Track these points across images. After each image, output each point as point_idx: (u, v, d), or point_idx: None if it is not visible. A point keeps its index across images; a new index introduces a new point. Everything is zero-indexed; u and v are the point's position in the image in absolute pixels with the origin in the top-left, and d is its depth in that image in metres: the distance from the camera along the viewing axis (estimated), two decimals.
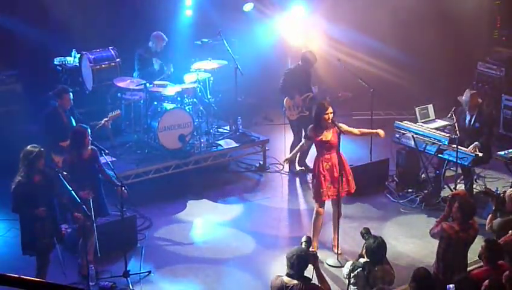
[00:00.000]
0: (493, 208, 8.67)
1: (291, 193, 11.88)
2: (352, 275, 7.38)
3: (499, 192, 9.22)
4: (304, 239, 7.57)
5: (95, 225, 9.01)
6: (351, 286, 7.40)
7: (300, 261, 6.95)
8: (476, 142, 10.80)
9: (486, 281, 7.00)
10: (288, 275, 6.97)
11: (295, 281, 6.90)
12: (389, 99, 14.50)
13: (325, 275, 7.42)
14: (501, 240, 7.83)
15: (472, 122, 11.05)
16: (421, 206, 11.17)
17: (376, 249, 7.39)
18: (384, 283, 7.18)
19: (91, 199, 8.89)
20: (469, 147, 10.76)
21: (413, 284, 7.01)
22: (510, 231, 7.97)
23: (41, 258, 8.65)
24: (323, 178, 9.46)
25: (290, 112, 12.19)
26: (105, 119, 10.43)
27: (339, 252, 9.66)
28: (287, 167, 12.51)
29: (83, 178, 9.00)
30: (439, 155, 11.05)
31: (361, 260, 7.47)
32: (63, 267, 8.94)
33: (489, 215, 8.69)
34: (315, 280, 7.18)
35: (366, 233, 7.74)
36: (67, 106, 10.22)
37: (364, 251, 7.50)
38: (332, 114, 9.44)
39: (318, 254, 7.67)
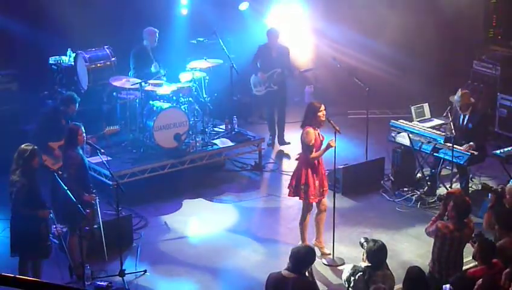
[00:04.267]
0: (489, 205, 8.67)
1: (287, 191, 11.84)
2: (352, 279, 7.37)
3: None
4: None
5: (101, 227, 9.03)
6: (350, 289, 7.39)
7: (305, 258, 7.02)
8: (471, 142, 10.81)
9: (480, 280, 7.01)
10: (288, 269, 7.01)
11: (293, 275, 6.94)
12: (384, 98, 14.49)
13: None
14: (498, 244, 7.83)
15: (465, 123, 11.07)
16: (416, 205, 11.18)
17: (377, 253, 7.35)
18: None
19: (97, 202, 8.89)
20: (463, 146, 10.77)
21: (406, 283, 7.02)
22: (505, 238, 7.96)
23: (41, 260, 8.67)
24: (311, 180, 9.42)
25: (257, 89, 13.05)
26: (102, 133, 10.38)
27: (328, 252, 9.70)
28: (284, 167, 12.61)
29: (88, 178, 9.02)
30: (434, 154, 11.07)
31: (362, 264, 7.45)
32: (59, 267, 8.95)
33: (486, 214, 8.68)
34: None
35: (365, 241, 7.68)
36: (71, 114, 10.21)
37: (365, 254, 7.47)
38: (325, 111, 9.41)
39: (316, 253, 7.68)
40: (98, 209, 9.03)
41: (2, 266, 9.07)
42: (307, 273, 7.18)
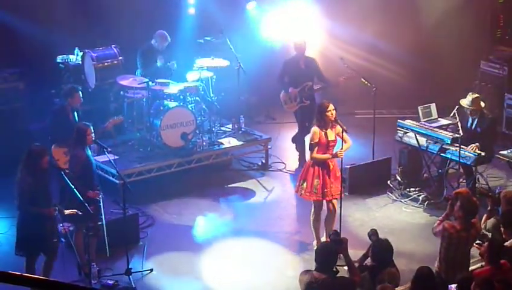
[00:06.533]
0: (488, 208, 8.68)
1: (293, 191, 11.85)
2: None
3: (501, 190, 9.21)
4: (330, 232, 7.92)
5: (104, 224, 9.06)
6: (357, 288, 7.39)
7: (328, 257, 7.05)
8: (477, 143, 10.77)
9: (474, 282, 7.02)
10: (317, 269, 7.03)
11: (324, 276, 6.96)
12: (391, 98, 14.47)
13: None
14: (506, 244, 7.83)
15: (474, 127, 11.03)
16: (423, 205, 11.16)
17: (383, 252, 7.37)
18: None
19: (101, 198, 8.91)
20: (468, 147, 10.73)
21: (415, 283, 7.01)
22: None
23: (50, 258, 8.70)
24: (328, 178, 9.44)
25: (288, 105, 12.38)
26: (106, 124, 10.39)
27: None
28: (288, 166, 12.59)
29: (93, 177, 9.04)
30: (441, 154, 11.04)
31: (368, 263, 7.46)
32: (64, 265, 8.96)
33: (485, 215, 8.69)
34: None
35: (373, 234, 7.69)
36: (78, 104, 10.30)
37: (370, 253, 7.48)
38: (335, 111, 9.42)
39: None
40: (102, 206, 9.02)
41: (7, 264, 9.11)
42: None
